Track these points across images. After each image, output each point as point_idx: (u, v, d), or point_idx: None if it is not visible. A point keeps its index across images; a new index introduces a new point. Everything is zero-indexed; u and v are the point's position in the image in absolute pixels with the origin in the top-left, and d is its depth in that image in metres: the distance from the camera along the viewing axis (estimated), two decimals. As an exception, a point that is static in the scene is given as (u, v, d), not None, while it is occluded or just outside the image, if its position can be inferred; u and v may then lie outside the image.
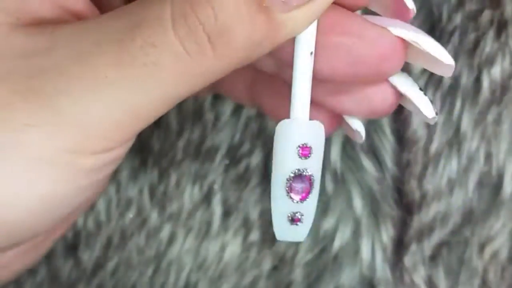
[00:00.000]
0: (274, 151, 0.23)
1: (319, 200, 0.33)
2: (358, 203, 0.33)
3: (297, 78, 0.23)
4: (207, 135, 0.34)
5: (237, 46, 0.21)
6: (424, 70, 0.32)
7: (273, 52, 0.22)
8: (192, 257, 0.34)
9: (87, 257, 0.35)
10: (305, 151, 0.23)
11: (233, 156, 0.34)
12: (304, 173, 0.23)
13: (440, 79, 0.31)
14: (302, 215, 0.24)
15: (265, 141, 0.33)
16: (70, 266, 0.35)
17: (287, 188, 0.23)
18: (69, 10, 0.24)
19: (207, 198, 0.34)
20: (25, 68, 0.22)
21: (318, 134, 0.23)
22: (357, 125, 0.26)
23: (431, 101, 0.25)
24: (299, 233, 0.24)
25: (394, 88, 0.24)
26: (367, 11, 0.25)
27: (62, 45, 0.22)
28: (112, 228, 0.34)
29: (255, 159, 0.34)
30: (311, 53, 0.22)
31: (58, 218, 0.24)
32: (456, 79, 0.31)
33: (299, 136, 0.23)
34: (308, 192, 0.23)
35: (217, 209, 0.34)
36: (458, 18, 0.31)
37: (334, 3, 0.22)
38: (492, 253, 0.32)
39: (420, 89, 0.25)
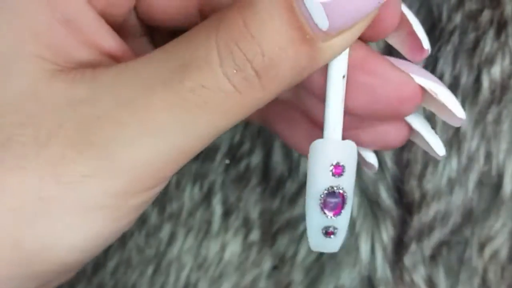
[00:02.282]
0: (308, 169, 0.24)
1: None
2: (357, 202, 0.33)
3: (330, 100, 0.24)
4: (207, 135, 0.34)
5: (283, 77, 0.21)
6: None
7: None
8: (192, 257, 0.34)
9: (87, 256, 0.35)
10: (338, 170, 0.24)
11: (233, 156, 0.34)
12: (337, 190, 0.24)
13: (440, 78, 0.31)
14: (335, 228, 0.25)
15: (265, 141, 0.33)
16: (70, 265, 0.35)
17: (321, 204, 0.24)
18: (104, 51, 0.24)
19: (207, 198, 0.34)
20: (74, 119, 0.22)
21: (351, 153, 0.24)
22: (372, 158, 0.28)
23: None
24: (333, 244, 0.25)
25: (407, 125, 0.26)
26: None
27: (107, 91, 0.22)
28: (112, 228, 0.34)
29: (255, 159, 0.34)
30: (343, 76, 0.23)
31: (100, 251, 0.25)
32: (456, 78, 0.31)
33: (332, 155, 0.24)
34: (341, 208, 0.24)
35: (217, 208, 0.34)
36: (458, 18, 0.31)
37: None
38: (492, 253, 0.32)
39: (432, 127, 0.26)
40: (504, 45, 0.30)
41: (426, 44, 0.25)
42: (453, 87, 0.31)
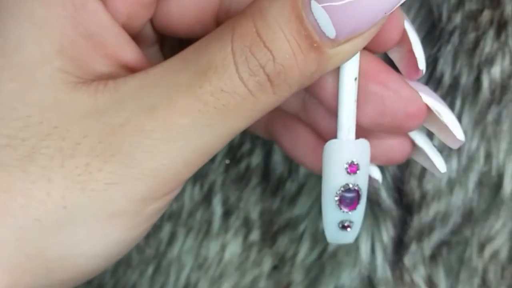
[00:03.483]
0: (323, 167, 0.25)
1: (319, 200, 0.32)
2: (358, 203, 0.33)
3: (343, 102, 0.25)
4: (207, 135, 0.34)
5: (293, 81, 0.23)
6: (424, 70, 0.32)
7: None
8: (192, 257, 0.34)
9: (88, 256, 0.35)
10: (353, 168, 0.25)
11: (233, 156, 0.34)
12: (353, 187, 0.25)
13: (440, 79, 0.31)
14: (351, 222, 0.26)
15: (265, 141, 0.33)
16: (71, 265, 0.35)
17: (337, 201, 0.25)
18: (123, 63, 0.25)
19: (207, 198, 0.34)
20: (98, 129, 0.23)
21: (364, 151, 0.25)
22: (375, 173, 0.29)
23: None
24: (349, 236, 0.27)
25: (411, 141, 0.27)
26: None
27: (129, 100, 0.23)
28: (112, 228, 0.34)
29: (256, 159, 0.34)
30: (355, 78, 0.24)
31: (117, 260, 0.25)
32: (456, 78, 0.31)
33: (347, 154, 0.25)
34: (356, 203, 0.26)
35: (217, 208, 0.34)
36: (458, 18, 0.31)
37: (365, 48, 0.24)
38: (492, 253, 0.32)
39: (434, 145, 0.27)
40: (504, 45, 0.30)
41: (421, 64, 0.26)
42: (453, 87, 0.31)
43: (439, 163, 0.27)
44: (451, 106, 0.31)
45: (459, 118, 0.31)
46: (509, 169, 0.32)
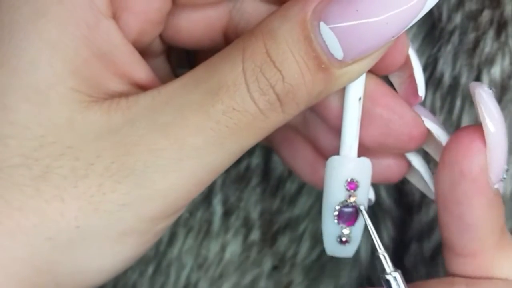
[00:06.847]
0: (324, 182, 0.26)
1: (320, 200, 0.32)
2: (358, 203, 0.33)
3: (347, 120, 0.25)
4: (207, 135, 0.34)
5: (301, 100, 0.23)
6: (424, 70, 0.32)
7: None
8: (193, 257, 0.34)
9: (88, 256, 0.35)
10: (352, 185, 0.26)
11: (233, 156, 0.34)
12: (351, 204, 0.26)
13: (440, 79, 0.31)
14: (349, 237, 0.27)
15: (265, 141, 0.34)
16: (71, 265, 0.35)
17: (335, 216, 0.26)
18: (134, 81, 0.25)
19: (207, 198, 0.34)
20: (111, 148, 0.23)
21: (365, 169, 0.26)
22: (370, 193, 0.29)
23: None
24: (348, 250, 0.27)
25: (407, 162, 0.28)
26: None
27: (141, 118, 0.23)
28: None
29: (256, 159, 0.34)
30: (360, 98, 0.25)
31: (126, 269, 0.26)
32: (456, 78, 0.31)
33: (347, 172, 0.26)
34: (355, 219, 0.26)
35: (217, 209, 0.34)
36: (458, 18, 0.31)
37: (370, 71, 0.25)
38: (492, 253, 0.32)
39: (429, 168, 0.28)
40: (504, 45, 0.30)
41: (421, 91, 0.27)
42: (453, 87, 0.31)
43: (433, 186, 0.28)
44: (451, 106, 0.31)
45: (459, 118, 0.31)
46: (509, 169, 0.31)
